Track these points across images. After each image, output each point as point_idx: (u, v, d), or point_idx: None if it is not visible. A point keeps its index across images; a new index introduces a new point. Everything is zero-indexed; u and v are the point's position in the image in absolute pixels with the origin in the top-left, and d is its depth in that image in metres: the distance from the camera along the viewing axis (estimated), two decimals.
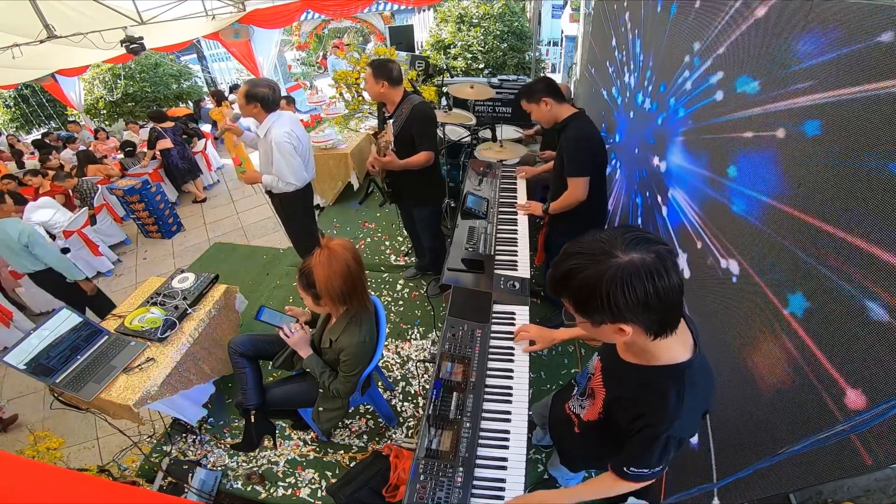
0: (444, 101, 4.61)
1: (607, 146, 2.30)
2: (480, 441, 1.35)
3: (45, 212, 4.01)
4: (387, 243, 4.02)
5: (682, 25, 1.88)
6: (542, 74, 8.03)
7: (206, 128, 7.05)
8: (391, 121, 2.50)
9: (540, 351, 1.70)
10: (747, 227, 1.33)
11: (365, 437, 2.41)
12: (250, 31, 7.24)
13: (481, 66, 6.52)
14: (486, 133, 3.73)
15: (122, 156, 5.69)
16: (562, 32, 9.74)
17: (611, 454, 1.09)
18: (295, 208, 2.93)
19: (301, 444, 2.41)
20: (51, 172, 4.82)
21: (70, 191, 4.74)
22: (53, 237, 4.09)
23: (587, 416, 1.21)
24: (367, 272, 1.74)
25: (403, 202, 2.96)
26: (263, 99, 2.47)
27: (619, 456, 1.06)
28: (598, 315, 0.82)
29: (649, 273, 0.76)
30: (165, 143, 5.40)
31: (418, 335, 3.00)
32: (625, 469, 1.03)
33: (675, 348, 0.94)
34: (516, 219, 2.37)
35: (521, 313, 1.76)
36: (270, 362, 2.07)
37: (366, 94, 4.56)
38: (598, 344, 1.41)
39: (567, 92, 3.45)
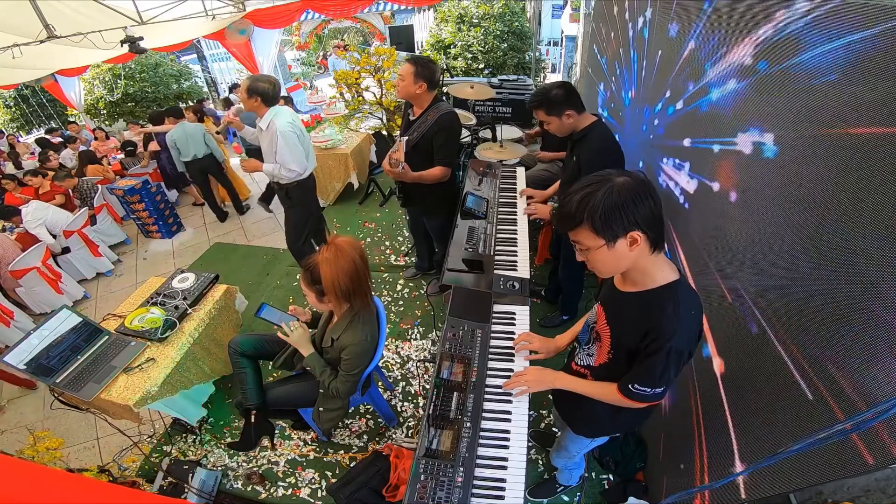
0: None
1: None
2: (481, 441, 1.35)
3: (40, 212, 4.02)
4: (387, 243, 4.02)
5: None
6: (556, 78, 8.02)
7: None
8: (404, 138, 2.43)
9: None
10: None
11: (365, 437, 2.41)
12: (251, 30, 7.24)
13: (481, 66, 6.52)
14: (486, 133, 3.74)
15: (122, 156, 5.69)
16: (562, 32, 9.74)
17: None
18: (299, 199, 2.99)
19: (301, 444, 2.41)
20: (50, 173, 4.82)
21: (70, 191, 4.74)
22: (54, 236, 4.09)
23: (598, 361, 1.28)
24: None
25: (412, 207, 2.93)
26: (264, 93, 2.57)
27: (626, 376, 1.16)
28: (616, 226, 0.97)
29: (643, 186, 0.98)
30: (153, 146, 5.45)
31: (418, 335, 3.00)
32: (630, 387, 1.14)
33: (666, 270, 1.09)
34: (516, 219, 2.36)
35: (521, 313, 1.76)
36: (270, 362, 2.07)
37: (367, 94, 4.56)
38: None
39: None
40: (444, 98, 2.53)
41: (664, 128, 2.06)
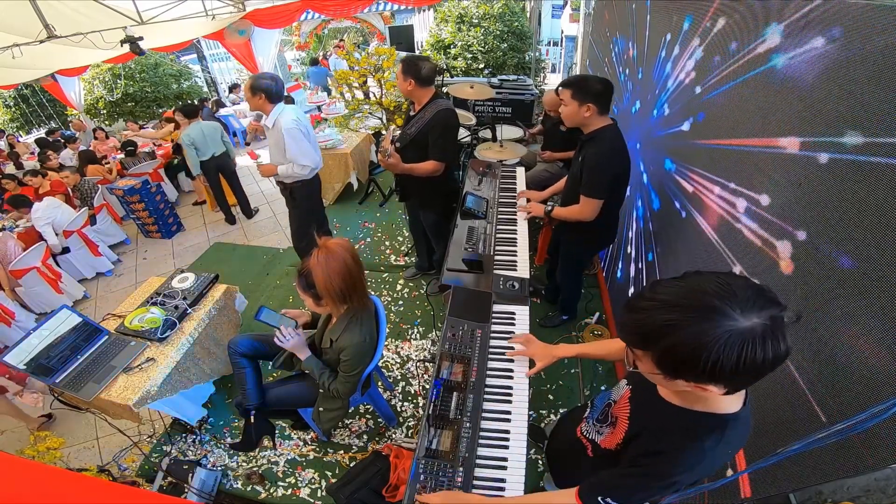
0: None
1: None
2: (480, 441, 1.34)
3: (52, 210, 4.04)
4: (387, 243, 4.02)
5: None
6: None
7: None
8: (391, 128, 2.51)
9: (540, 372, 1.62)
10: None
11: (365, 437, 2.41)
12: (251, 30, 7.24)
13: (481, 66, 6.52)
14: (486, 133, 3.74)
15: (122, 156, 5.69)
16: (562, 32, 9.74)
17: None
18: (304, 199, 3.00)
19: (301, 444, 2.41)
20: (49, 173, 4.82)
21: (70, 190, 4.75)
22: (57, 235, 4.10)
23: (605, 444, 1.10)
24: (367, 272, 1.74)
25: (410, 202, 2.97)
26: (267, 90, 2.56)
27: (596, 481, 0.96)
28: (688, 375, 0.72)
29: (773, 340, 0.65)
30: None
31: (418, 335, 3.00)
32: (599, 498, 0.92)
33: (731, 398, 0.82)
34: (516, 219, 2.36)
35: (521, 313, 1.76)
36: (270, 362, 2.07)
37: (370, 94, 4.57)
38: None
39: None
40: (444, 96, 2.57)
41: (704, 114, 1.55)
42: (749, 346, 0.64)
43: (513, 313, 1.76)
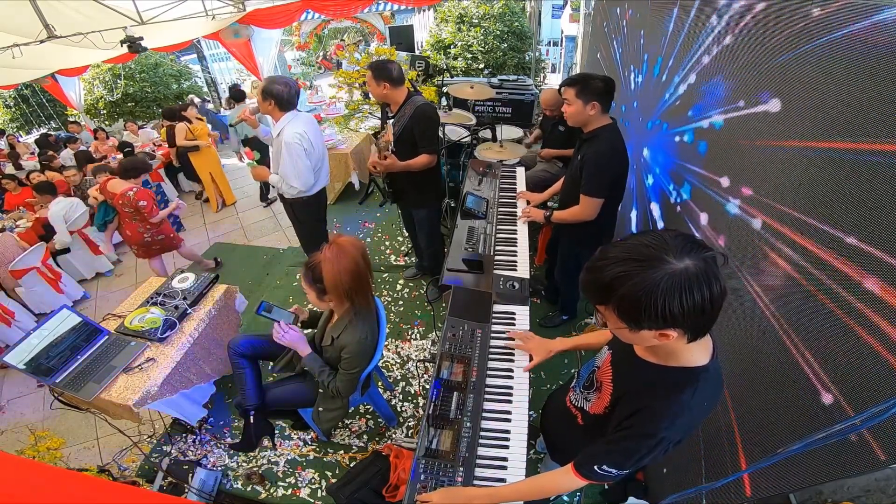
0: (444, 101, 4.62)
1: None
2: (481, 441, 1.34)
3: (72, 208, 4.08)
4: (387, 243, 4.02)
5: None
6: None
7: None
8: (390, 121, 2.52)
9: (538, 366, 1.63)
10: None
11: (365, 437, 2.41)
12: (250, 31, 7.23)
13: (481, 66, 6.52)
14: (486, 133, 3.74)
15: (121, 156, 5.69)
16: (562, 32, 9.74)
17: None
18: (306, 215, 2.92)
19: (301, 444, 2.41)
20: (49, 172, 4.82)
21: (72, 189, 4.75)
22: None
23: (593, 410, 1.16)
24: None
25: (403, 202, 2.97)
26: (278, 96, 2.45)
27: (590, 452, 1.01)
28: (645, 322, 0.79)
29: (706, 279, 0.74)
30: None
31: (418, 335, 3.00)
32: (595, 467, 0.98)
33: (698, 351, 0.92)
34: (516, 219, 2.36)
35: (521, 313, 1.76)
36: (271, 363, 2.07)
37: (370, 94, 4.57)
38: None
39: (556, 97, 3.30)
40: (419, 92, 2.66)
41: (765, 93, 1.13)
42: (686, 286, 0.74)
43: (513, 313, 1.76)
